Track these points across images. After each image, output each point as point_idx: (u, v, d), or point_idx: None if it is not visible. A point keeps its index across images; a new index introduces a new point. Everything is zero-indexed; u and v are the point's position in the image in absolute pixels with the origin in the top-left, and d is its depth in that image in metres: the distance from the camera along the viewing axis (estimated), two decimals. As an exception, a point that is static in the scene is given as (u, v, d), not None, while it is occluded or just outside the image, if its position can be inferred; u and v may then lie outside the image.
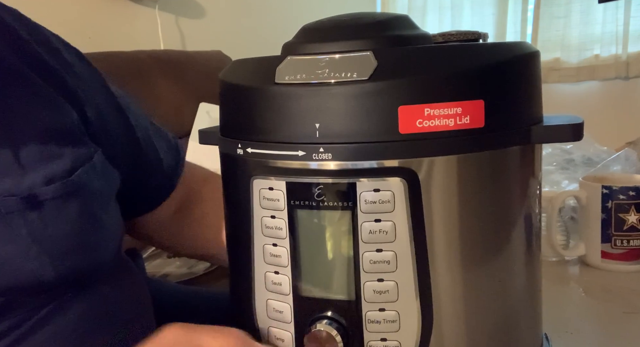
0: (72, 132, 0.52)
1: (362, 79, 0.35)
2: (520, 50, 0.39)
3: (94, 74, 0.60)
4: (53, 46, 0.56)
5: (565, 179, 1.01)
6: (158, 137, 0.67)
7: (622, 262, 0.77)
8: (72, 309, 0.48)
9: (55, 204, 0.47)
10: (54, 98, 0.52)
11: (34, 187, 0.46)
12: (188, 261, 1.18)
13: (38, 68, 0.52)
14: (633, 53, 2.45)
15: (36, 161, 0.47)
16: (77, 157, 0.50)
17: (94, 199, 0.51)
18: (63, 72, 0.54)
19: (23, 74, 0.51)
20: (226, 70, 0.43)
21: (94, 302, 0.50)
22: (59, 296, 0.48)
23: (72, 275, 0.48)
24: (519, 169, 0.40)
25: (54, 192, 0.47)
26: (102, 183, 0.53)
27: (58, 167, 0.48)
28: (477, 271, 0.39)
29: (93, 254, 0.50)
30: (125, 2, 1.96)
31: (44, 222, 0.46)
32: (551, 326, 0.59)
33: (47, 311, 0.47)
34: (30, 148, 0.48)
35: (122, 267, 0.57)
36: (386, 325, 0.38)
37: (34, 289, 0.46)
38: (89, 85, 0.58)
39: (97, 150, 0.53)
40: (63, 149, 0.50)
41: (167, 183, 0.68)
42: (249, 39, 2.27)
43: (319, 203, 0.37)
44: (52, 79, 0.53)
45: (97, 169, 0.52)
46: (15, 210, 0.45)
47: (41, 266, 0.45)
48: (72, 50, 0.59)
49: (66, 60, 0.56)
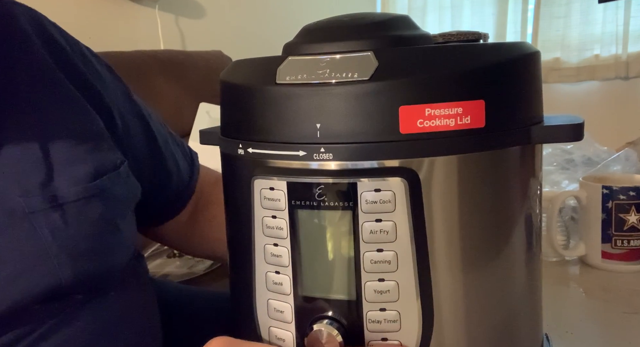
0: (99, 139, 0.54)
1: (363, 79, 0.35)
2: (520, 50, 0.39)
3: (119, 84, 0.64)
4: (87, 57, 0.59)
5: (565, 179, 1.01)
6: (175, 145, 0.69)
7: (622, 263, 0.77)
8: (80, 320, 0.49)
9: (77, 206, 0.49)
10: (84, 105, 0.54)
11: (59, 189, 0.48)
12: (188, 261, 1.18)
13: (72, 75, 0.55)
14: (633, 53, 2.45)
15: (63, 163, 0.49)
16: (103, 163, 0.52)
17: (115, 205, 0.53)
18: (94, 80, 0.57)
19: (59, 79, 0.53)
20: (227, 71, 0.43)
21: (101, 312, 0.51)
22: (69, 307, 0.48)
23: (88, 278, 0.48)
24: (519, 169, 0.40)
25: (77, 195, 0.49)
26: (124, 192, 0.55)
27: (83, 170, 0.50)
28: (478, 271, 0.39)
29: (109, 259, 0.51)
30: (125, 2, 1.96)
31: (65, 223, 0.47)
32: (551, 325, 0.59)
33: (54, 322, 0.47)
34: (58, 150, 0.49)
35: (130, 273, 0.58)
36: (387, 325, 0.38)
37: (51, 293, 0.46)
38: (116, 95, 0.61)
39: (124, 162, 0.55)
40: (89, 154, 0.52)
41: (186, 190, 0.70)
42: (249, 39, 2.27)
43: (320, 203, 0.37)
44: (84, 87, 0.55)
45: (122, 178, 0.54)
46: (39, 209, 0.46)
47: (60, 265, 0.46)
48: (103, 62, 0.63)
49: (97, 70, 0.59)
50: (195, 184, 0.71)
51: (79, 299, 0.49)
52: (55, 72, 0.53)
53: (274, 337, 0.41)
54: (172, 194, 0.69)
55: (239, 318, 0.44)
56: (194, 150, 0.75)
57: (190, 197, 0.71)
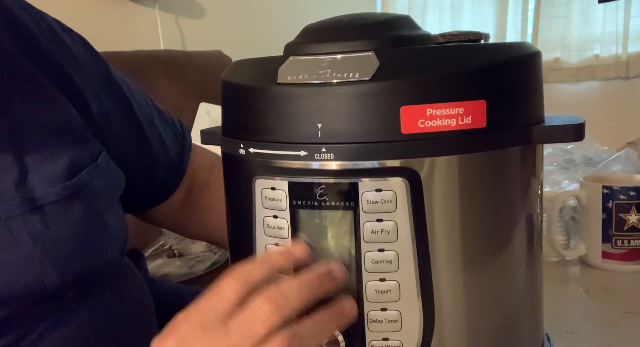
0: (72, 130, 0.50)
1: (364, 79, 0.35)
2: (521, 50, 0.39)
3: (97, 62, 0.58)
4: (57, 33, 0.53)
5: (565, 179, 1.01)
6: (164, 125, 0.65)
7: (622, 262, 0.77)
8: (74, 320, 0.47)
9: (57, 207, 0.46)
10: (53, 93, 0.50)
11: (35, 190, 0.45)
12: (188, 261, 1.18)
13: (39, 61, 0.50)
14: (633, 53, 2.45)
15: (36, 161, 0.46)
16: (79, 158, 0.49)
17: (98, 200, 0.50)
18: (65, 63, 0.52)
19: (24, 68, 0.48)
20: (228, 71, 0.43)
21: (96, 310, 0.49)
22: (61, 308, 0.47)
23: (75, 279, 0.46)
24: (520, 169, 0.40)
25: (56, 195, 0.46)
26: (106, 184, 0.51)
27: (59, 167, 0.47)
28: (479, 271, 0.39)
29: (97, 256, 0.49)
30: (125, 2, 1.96)
31: (46, 226, 0.45)
32: (552, 325, 0.59)
33: (48, 324, 0.46)
34: (30, 146, 0.46)
35: (124, 270, 0.57)
36: (388, 325, 0.38)
37: (38, 297, 0.44)
38: (92, 77, 0.56)
39: (102, 151, 0.52)
40: (63, 148, 0.48)
41: (175, 174, 0.66)
42: (249, 39, 2.27)
43: (321, 203, 0.37)
44: (53, 73, 0.50)
45: (101, 170, 0.51)
46: (16, 214, 0.44)
47: (44, 270, 0.44)
48: (76, 36, 0.57)
49: (69, 49, 0.54)
50: (185, 165, 0.67)
51: (72, 299, 0.47)
52: (20, 61, 0.48)
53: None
54: (161, 177, 0.65)
55: (240, 318, 0.44)
56: (186, 126, 0.69)
57: (180, 180, 0.67)
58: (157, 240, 1.22)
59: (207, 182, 0.70)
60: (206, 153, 0.71)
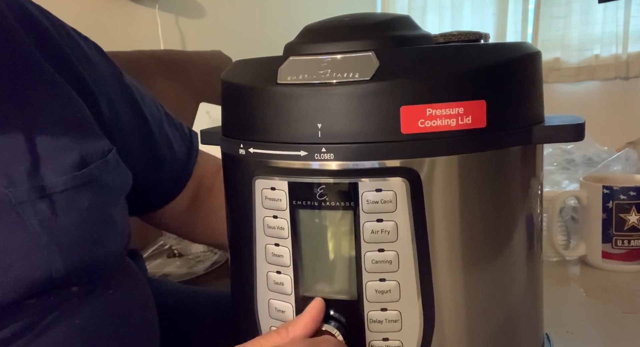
0: (85, 126, 0.52)
1: (364, 79, 0.35)
2: (521, 50, 0.39)
3: (110, 67, 0.61)
4: (73, 39, 0.57)
5: (565, 179, 1.01)
6: (172, 129, 0.67)
7: (622, 263, 0.77)
8: (78, 315, 0.48)
9: (65, 196, 0.48)
10: (68, 91, 0.52)
11: (46, 179, 0.47)
12: (188, 261, 1.18)
13: (56, 61, 0.53)
14: (633, 53, 2.45)
15: (49, 152, 0.48)
16: (89, 152, 0.51)
17: (106, 193, 0.52)
18: (80, 65, 0.55)
19: (42, 66, 0.51)
20: (228, 71, 0.43)
21: (99, 307, 0.50)
22: (66, 302, 0.48)
23: (80, 270, 0.48)
24: (520, 169, 0.40)
25: (64, 184, 0.48)
26: (114, 180, 0.53)
27: (70, 159, 0.49)
28: (479, 271, 0.39)
29: (101, 248, 0.50)
30: (125, 2, 1.96)
31: (54, 213, 0.47)
32: (552, 325, 0.59)
33: (52, 317, 0.47)
34: (44, 139, 0.48)
35: (126, 269, 0.57)
36: (388, 325, 0.38)
37: (45, 285, 0.46)
38: (105, 80, 0.59)
39: (112, 149, 0.54)
40: (75, 142, 0.50)
41: (182, 176, 0.68)
42: (249, 39, 2.27)
43: (321, 203, 0.37)
44: (69, 72, 0.53)
45: (111, 166, 0.53)
46: (26, 200, 0.46)
47: (50, 255, 0.46)
48: (91, 43, 0.61)
49: (85, 53, 0.57)
50: (192, 168, 0.69)
51: (76, 293, 0.48)
52: (39, 59, 0.51)
53: (275, 337, 0.41)
54: (167, 179, 0.67)
55: (240, 318, 0.44)
56: (194, 132, 0.72)
57: (186, 182, 0.69)
58: (157, 240, 1.23)
59: (213, 186, 0.72)
60: (213, 158, 0.73)
